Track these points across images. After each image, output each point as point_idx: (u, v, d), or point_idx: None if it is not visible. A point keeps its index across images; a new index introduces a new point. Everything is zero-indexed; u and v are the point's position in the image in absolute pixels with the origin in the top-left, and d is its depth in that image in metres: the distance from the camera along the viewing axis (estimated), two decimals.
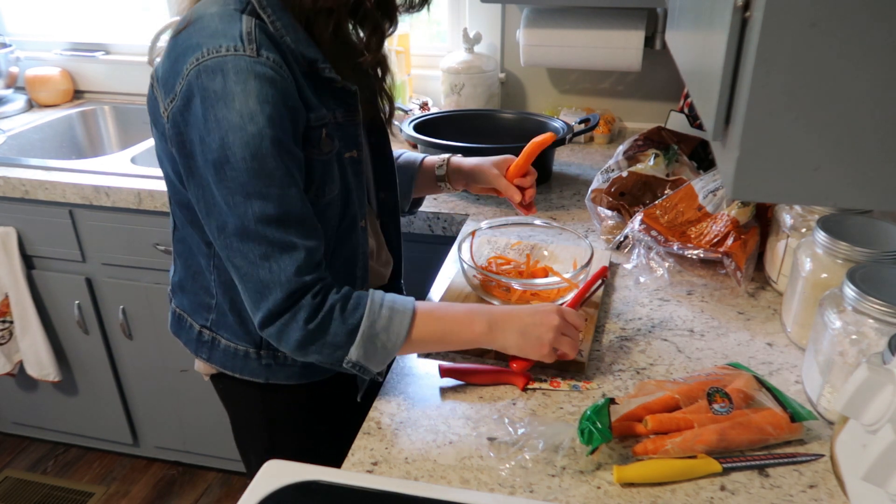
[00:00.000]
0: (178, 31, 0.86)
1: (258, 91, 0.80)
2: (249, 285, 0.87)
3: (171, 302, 1.12)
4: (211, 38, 0.82)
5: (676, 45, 0.92)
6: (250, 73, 0.80)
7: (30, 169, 1.76)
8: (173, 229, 1.05)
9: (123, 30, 2.33)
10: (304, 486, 0.77)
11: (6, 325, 1.90)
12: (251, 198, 0.82)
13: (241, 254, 0.85)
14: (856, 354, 0.82)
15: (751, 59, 0.47)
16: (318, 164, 0.91)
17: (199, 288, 1.04)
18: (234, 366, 1.05)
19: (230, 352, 1.05)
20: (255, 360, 1.04)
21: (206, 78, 0.80)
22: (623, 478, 0.80)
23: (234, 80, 0.80)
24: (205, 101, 0.80)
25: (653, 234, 1.22)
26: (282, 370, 1.05)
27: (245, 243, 0.85)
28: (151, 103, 0.91)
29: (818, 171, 0.49)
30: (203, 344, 1.07)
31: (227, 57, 0.80)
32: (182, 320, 1.09)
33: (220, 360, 1.06)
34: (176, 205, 0.99)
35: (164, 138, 0.89)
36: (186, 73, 0.82)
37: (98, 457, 2.21)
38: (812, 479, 0.81)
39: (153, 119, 0.92)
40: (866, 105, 0.46)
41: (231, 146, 0.80)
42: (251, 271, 0.86)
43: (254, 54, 0.81)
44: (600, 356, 1.03)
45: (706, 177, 1.30)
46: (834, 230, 0.97)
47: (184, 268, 1.05)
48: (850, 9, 0.44)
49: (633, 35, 1.75)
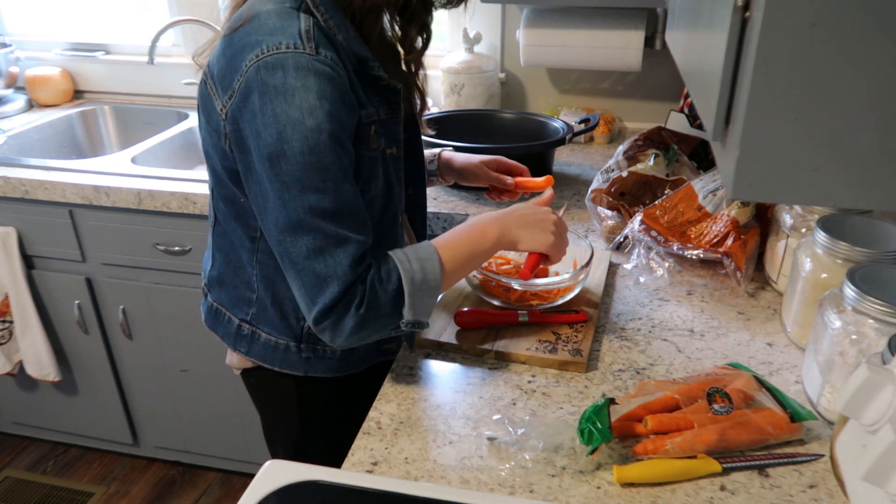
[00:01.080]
0: (233, 28, 0.87)
1: (318, 87, 0.82)
2: (306, 279, 0.87)
3: (207, 296, 1.12)
4: (270, 36, 0.83)
5: (676, 45, 0.92)
6: (310, 69, 0.82)
7: (30, 169, 1.76)
8: (214, 223, 1.06)
9: (123, 30, 2.33)
10: (304, 486, 0.77)
11: (6, 325, 1.90)
12: (307, 191, 0.83)
13: (296, 247, 0.86)
14: (856, 354, 0.82)
15: (751, 59, 0.47)
16: (366, 160, 0.93)
17: (241, 282, 1.04)
18: (274, 359, 1.06)
19: (270, 345, 1.05)
20: (295, 353, 1.05)
21: (265, 74, 0.82)
22: (623, 478, 0.80)
23: (295, 76, 0.81)
24: (264, 95, 0.82)
25: (653, 235, 1.22)
26: (321, 363, 1.06)
27: (300, 237, 0.85)
28: (204, 100, 0.93)
29: (818, 171, 0.49)
30: (242, 338, 1.07)
31: (288, 54, 0.82)
32: (219, 314, 1.10)
33: (259, 354, 1.07)
34: (220, 199, 1.00)
35: (216, 134, 0.91)
36: (245, 70, 0.83)
37: (98, 457, 2.21)
38: (812, 479, 0.81)
39: (206, 114, 0.93)
40: (866, 105, 0.46)
41: (289, 140, 0.82)
42: (307, 265, 0.86)
43: (313, 52, 0.83)
44: (600, 356, 1.03)
45: (706, 177, 1.30)
46: (834, 230, 0.97)
47: (224, 262, 1.06)
48: (850, 9, 0.44)
49: (633, 35, 1.75)
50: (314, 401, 1.12)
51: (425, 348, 1.05)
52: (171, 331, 1.86)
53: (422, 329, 0.95)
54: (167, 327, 1.85)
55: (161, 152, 1.97)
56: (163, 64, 2.17)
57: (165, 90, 2.28)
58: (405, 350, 1.05)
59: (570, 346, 1.02)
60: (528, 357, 1.01)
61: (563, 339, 1.04)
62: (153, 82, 2.27)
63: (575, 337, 1.04)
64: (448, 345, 1.04)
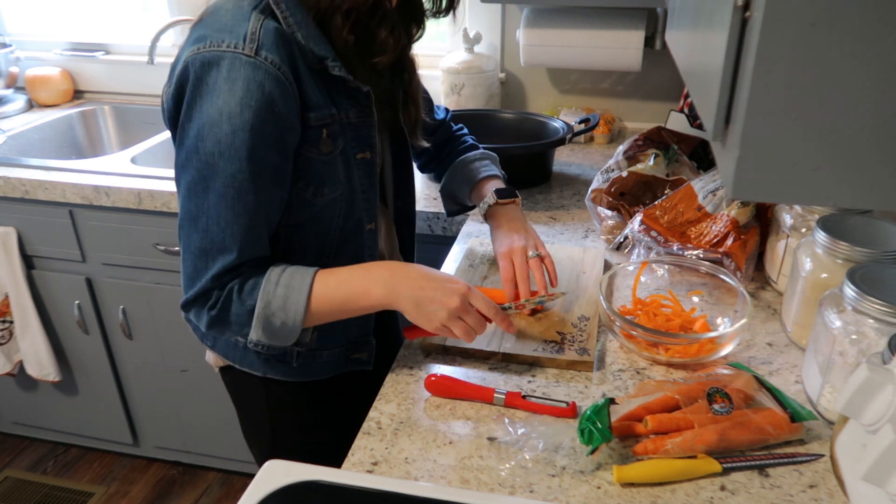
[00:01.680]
0: (195, 21, 0.90)
1: (244, 93, 0.81)
2: (184, 269, 0.90)
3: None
4: (217, 32, 0.84)
5: (676, 45, 0.92)
6: (242, 72, 0.82)
7: (30, 169, 1.76)
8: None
9: (123, 30, 2.33)
10: (304, 486, 0.77)
11: (6, 325, 1.90)
12: (209, 192, 0.85)
13: (187, 239, 0.88)
14: (856, 354, 0.82)
15: (751, 59, 0.47)
16: (318, 163, 0.91)
17: None
18: (235, 356, 1.07)
19: (231, 343, 1.06)
20: (253, 353, 1.05)
21: (199, 68, 0.83)
22: (623, 478, 0.80)
23: (225, 77, 0.82)
24: (194, 90, 0.83)
25: (653, 235, 1.22)
26: (280, 366, 1.05)
27: (191, 232, 0.88)
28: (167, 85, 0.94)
29: (818, 171, 0.49)
30: (207, 333, 1.06)
31: (226, 52, 0.82)
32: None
33: (222, 350, 1.08)
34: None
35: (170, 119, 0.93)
36: (185, 60, 0.84)
37: (98, 457, 2.21)
38: (812, 479, 0.81)
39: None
40: (866, 105, 0.46)
41: (204, 138, 0.83)
42: (188, 258, 0.89)
43: (252, 53, 0.82)
44: (600, 356, 1.03)
45: (706, 177, 1.30)
46: (834, 230, 0.97)
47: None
48: (850, 9, 0.44)
49: (633, 35, 1.75)
50: (281, 402, 1.11)
51: (430, 352, 1.04)
52: (171, 331, 1.86)
53: (279, 350, 0.98)
54: (167, 327, 1.85)
55: (161, 152, 1.97)
56: (163, 64, 2.16)
57: None
58: (405, 350, 1.05)
59: (576, 346, 1.02)
60: (535, 358, 1.01)
61: (569, 338, 1.04)
62: (153, 82, 2.27)
63: (580, 336, 1.04)
64: (454, 349, 1.03)
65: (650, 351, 1.01)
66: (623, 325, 1.01)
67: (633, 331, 1.01)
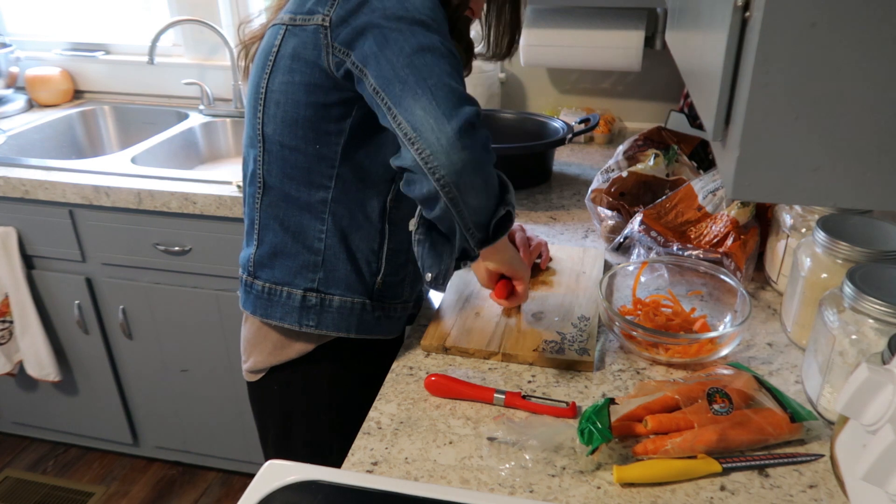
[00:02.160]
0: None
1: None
2: (440, 94, 0.83)
3: (254, 284, 1.07)
4: None
5: (676, 45, 0.92)
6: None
7: (30, 169, 1.76)
8: (262, 196, 1.03)
9: (123, 30, 2.33)
10: (304, 486, 0.77)
11: (6, 325, 1.90)
12: (432, 31, 0.86)
13: (428, 67, 0.84)
14: (856, 354, 0.82)
15: (751, 59, 0.47)
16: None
17: (302, 248, 1.02)
18: (350, 324, 1.05)
19: (346, 309, 1.04)
20: (370, 312, 1.05)
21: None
22: (623, 478, 0.80)
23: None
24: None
25: (652, 235, 1.22)
26: (388, 323, 1.08)
27: (435, 58, 0.84)
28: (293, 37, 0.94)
29: (818, 171, 0.49)
30: (309, 309, 1.04)
31: None
32: (274, 294, 1.05)
33: (332, 322, 1.05)
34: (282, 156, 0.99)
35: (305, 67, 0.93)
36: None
37: (98, 457, 2.21)
38: (812, 479, 0.81)
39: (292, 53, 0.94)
40: (866, 105, 0.46)
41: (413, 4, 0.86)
42: (442, 81, 0.84)
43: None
44: (600, 356, 1.03)
45: (706, 177, 1.30)
46: (834, 230, 0.97)
47: (281, 231, 1.03)
48: (850, 9, 0.44)
49: (633, 35, 1.75)
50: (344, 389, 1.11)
51: (430, 351, 1.04)
52: (171, 331, 1.86)
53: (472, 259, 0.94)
54: (167, 327, 1.85)
55: (161, 152, 1.97)
56: (163, 64, 2.17)
57: (165, 90, 2.28)
58: (404, 350, 1.05)
59: (576, 346, 1.02)
60: (535, 358, 1.01)
61: (569, 339, 1.04)
62: (153, 82, 2.27)
63: (580, 336, 1.04)
64: (454, 348, 1.04)
65: (650, 351, 1.01)
66: (623, 325, 1.01)
67: (633, 331, 1.01)
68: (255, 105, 1.00)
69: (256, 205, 1.04)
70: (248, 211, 1.08)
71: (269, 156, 1.00)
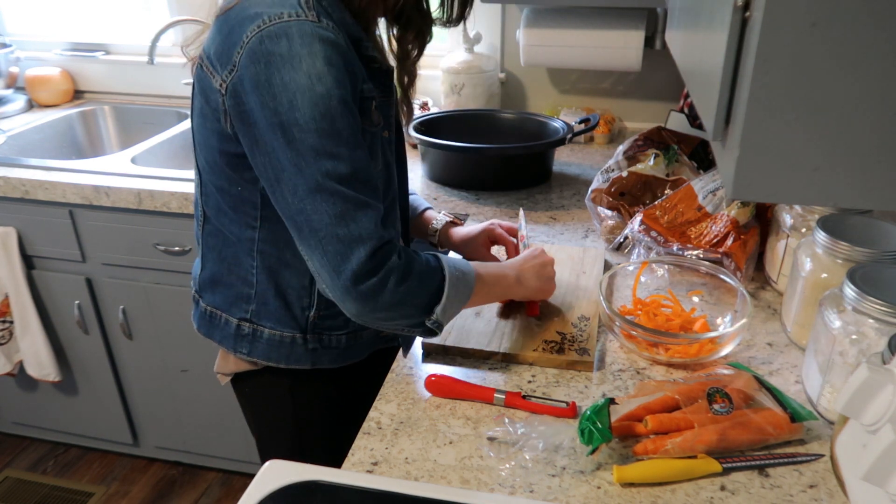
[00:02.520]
0: (225, 9, 0.87)
1: (323, 53, 0.81)
2: (329, 248, 0.84)
3: (199, 302, 1.10)
4: (270, 7, 0.83)
5: (676, 45, 0.92)
6: (314, 35, 0.81)
7: (30, 169, 1.76)
8: (203, 223, 1.04)
9: (123, 30, 2.33)
10: (304, 486, 0.77)
11: (6, 325, 1.90)
12: (321, 157, 0.82)
13: (318, 215, 0.83)
14: (856, 354, 0.82)
15: (751, 59, 0.47)
16: (368, 135, 0.92)
17: (237, 279, 1.02)
18: (280, 355, 1.04)
19: (275, 341, 1.03)
20: (301, 345, 1.03)
21: (270, 43, 0.81)
22: (623, 478, 0.80)
23: (300, 43, 0.81)
24: (270, 65, 0.81)
25: (652, 235, 1.22)
26: (327, 353, 1.05)
27: (320, 203, 0.83)
28: (201, 82, 0.91)
29: (818, 171, 0.49)
30: (242, 338, 1.05)
31: (291, 22, 0.82)
32: (214, 318, 1.07)
33: (263, 352, 1.04)
34: (214, 192, 0.98)
35: (214, 115, 0.89)
36: (247, 41, 0.82)
37: (98, 457, 2.21)
38: (812, 479, 0.81)
39: (203, 97, 0.91)
40: (866, 105, 0.46)
41: (300, 107, 0.81)
42: (330, 231, 0.83)
43: (315, 19, 0.83)
44: (600, 356, 1.03)
45: (706, 177, 1.30)
46: (834, 230, 0.97)
47: (217, 261, 1.04)
48: (850, 9, 0.44)
49: (633, 35, 1.75)
50: (310, 402, 1.11)
51: (430, 351, 1.04)
52: (171, 331, 1.86)
53: (434, 336, 0.95)
54: (167, 327, 1.85)
55: (161, 152, 1.97)
56: (163, 64, 2.17)
57: (165, 90, 2.28)
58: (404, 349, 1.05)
59: (576, 346, 1.02)
60: (535, 357, 1.01)
61: (569, 339, 1.04)
62: (153, 82, 2.27)
63: (580, 336, 1.04)
64: (454, 349, 1.03)
65: (650, 351, 1.01)
66: (623, 325, 1.01)
67: (633, 331, 1.01)
68: (192, 136, 1.00)
69: (199, 230, 1.06)
70: (195, 230, 1.09)
71: (205, 188, 1.01)
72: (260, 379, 1.08)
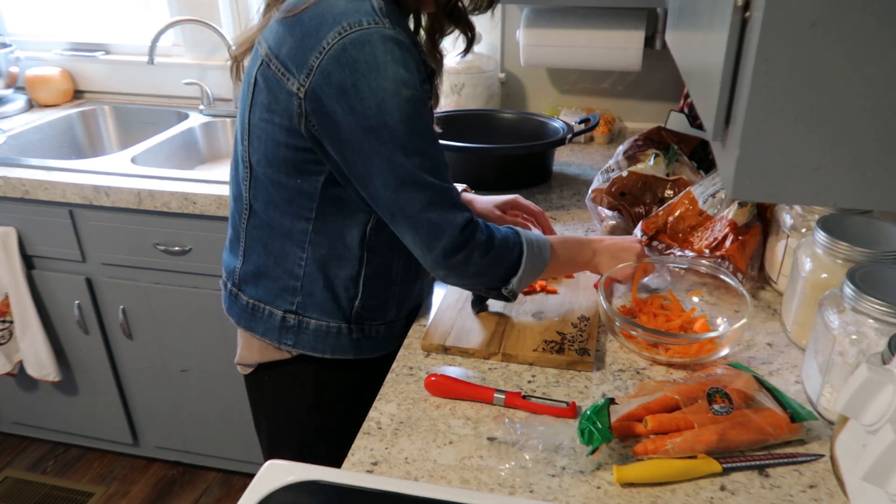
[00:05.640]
0: (293, 11, 0.90)
1: (403, 59, 0.87)
2: (422, 230, 0.93)
3: (240, 296, 1.10)
4: (347, 16, 0.86)
5: (676, 45, 0.92)
6: (394, 42, 0.86)
7: (30, 169, 1.76)
8: (248, 216, 1.05)
9: (123, 30, 2.33)
10: (304, 486, 0.77)
11: (6, 325, 1.90)
12: (411, 154, 0.89)
13: (410, 203, 0.91)
14: (856, 354, 0.82)
15: (751, 59, 0.47)
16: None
17: (283, 272, 1.04)
18: (325, 346, 1.07)
19: (322, 331, 1.06)
20: (346, 335, 1.07)
21: (353, 50, 0.85)
22: (623, 478, 0.80)
23: (383, 50, 0.85)
24: (356, 72, 0.85)
25: (653, 245, 1.22)
26: (368, 343, 1.09)
27: (412, 193, 0.91)
28: (269, 82, 0.93)
29: (818, 171, 0.49)
30: (287, 329, 1.07)
31: (371, 29, 0.86)
32: (257, 311, 1.08)
33: (308, 343, 1.07)
34: (267, 186, 1.00)
35: (285, 114, 0.92)
36: (329, 47, 0.86)
37: (98, 457, 2.21)
38: (812, 479, 0.81)
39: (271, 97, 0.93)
40: (866, 105, 0.46)
41: (389, 111, 0.86)
42: (421, 217, 0.92)
43: (390, 27, 0.87)
44: (600, 356, 1.03)
45: (706, 180, 1.30)
46: (834, 230, 0.97)
47: (263, 254, 1.06)
48: (850, 9, 0.44)
49: (633, 35, 1.75)
50: (332, 388, 1.12)
51: (430, 351, 1.04)
52: (171, 331, 1.86)
53: (510, 301, 1.04)
54: (167, 327, 1.85)
55: (161, 152, 1.97)
56: (163, 64, 2.17)
57: (165, 90, 2.28)
58: (405, 350, 1.05)
59: (576, 346, 1.02)
60: (535, 358, 1.01)
61: (569, 339, 1.04)
62: (153, 82, 2.27)
63: (580, 336, 1.04)
64: (454, 349, 1.03)
65: (650, 351, 1.01)
66: (623, 325, 1.01)
67: (633, 331, 1.01)
68: (241, 132, 1.01)
69: (243, 224, 1.07)
70: (233, 223, 1.10)
71: (255, 182, 1.02)
72: (288, 367, 1.10)
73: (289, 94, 0.90)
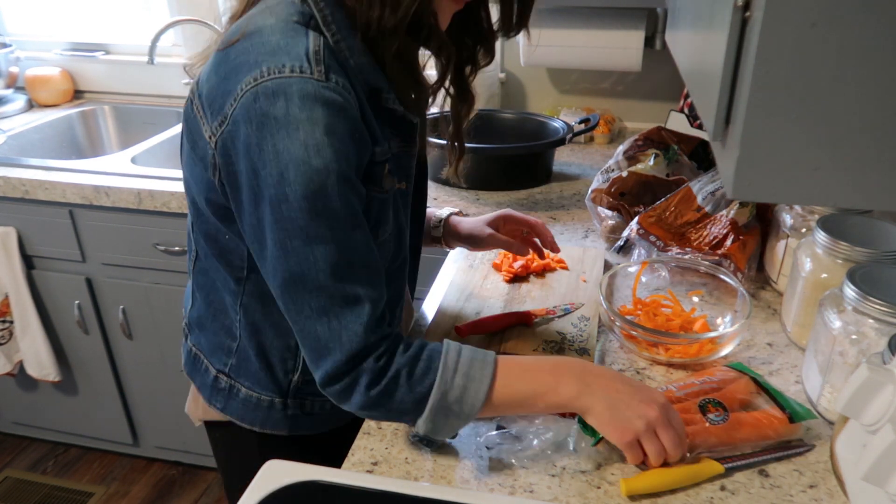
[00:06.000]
0: (229, 42, 0.75)
1: (325, 120, 0.70)
2: (307, 342, 0.77)
3: (188, 339, 1.01)
4: (272, 56, 0.71)
5: (676, 45, 0.92)
6: (317, 98, 0.70)
7: (30, 169, 1.76)
8: (194, 259, 0.94)
9: (123, 30, 2.33)
10: (304, 486, 0.77)
11: (6, 325, 1.90)
12: (312, 242, 0.72)
13: (297, 306, 0.75)
14: (856, 354, 0.82)
15: (751, 59, 0.47)
16: (377, 202, 0.81)
17: (220, 328, 0.93)
18: (255, 418, 0.95)
19: (251, 402, 0.94)
20: (279, 410, 0.94)
21: (265, 102, 0.69)
22: (631, 490, 0.78)
23: (299, 107, 0.69)
24: (262, 128, 0.70)
25: (651, 240, 1.22)
26: (307, 420, 0.96)
27: (302, 295, 0.74)
28: (189, 122, 0.80)
29: (818, 171, 0.49)
30: (219, 392, 0.96)
31: (292, 79, 0.70)
32: (198, 361, 0.98)
33: (237, 412, 0.95)
34: (201, 235, 0.88)
35: (202, 163, 0.79)
36: (241, 94, 0.71)
37: (98, 457, 2.21)
38: (812, 479, 0.81)
39: (190, 140, 0.81)
40: (866, 105, 0.46)
41: (291, 182, 0.70)
42: (308, 326, 0.75)
43: (322, 77, 0.71)
44: (600, 356, 1.03)
45: (705, 178, 1.30)
46: (834, 230, 0.97)
47: (204, 303, 0.95)
48: (850, 9, 0.44)
49: (633, 35, 1.75)
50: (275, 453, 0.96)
51: None
52: (171, 331, 1.86)
53: (433, 445, 0.85)
54: (167, 327, 1.85)
55: (161, 152, 1.97)
56: (163, 64, 2.17)
57: (165, 90, 2.28)
58: None
59: (576, 346, 1.02)
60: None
61: (569, 339, 1.04)
62: (153, 82, 2.27)
63: (580, 336, 1.04)
64: None
65: (650, 351, 1.01)
66: (623, 325, 1.01)
67: (633, 331, 1.01)
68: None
69: (191, 265, 0.96)
70: (188, 261, 0.98)
71: (198, 225, 0.89)
72: (230, 429, 0.98)
73: (205, 141, 0.76)
